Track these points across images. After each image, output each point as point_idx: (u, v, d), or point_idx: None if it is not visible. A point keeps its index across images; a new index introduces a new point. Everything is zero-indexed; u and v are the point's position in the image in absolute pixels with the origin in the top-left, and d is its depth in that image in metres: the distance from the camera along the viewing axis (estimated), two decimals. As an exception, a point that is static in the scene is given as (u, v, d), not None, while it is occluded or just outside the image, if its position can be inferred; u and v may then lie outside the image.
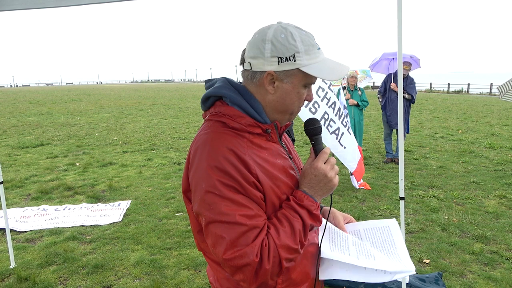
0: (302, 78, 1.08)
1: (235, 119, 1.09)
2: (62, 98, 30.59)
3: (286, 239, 1.02)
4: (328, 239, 1.24)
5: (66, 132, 12.03)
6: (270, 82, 1.08)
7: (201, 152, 1.04)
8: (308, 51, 1.06)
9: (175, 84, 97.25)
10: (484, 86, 31.27)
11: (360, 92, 7.25)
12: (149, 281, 3.25)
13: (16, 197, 5.64)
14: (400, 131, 2.64)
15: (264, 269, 0.98)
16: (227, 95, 1.10)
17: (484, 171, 6.48)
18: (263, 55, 1.06)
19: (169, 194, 5.57)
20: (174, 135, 11.03)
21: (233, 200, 0.99)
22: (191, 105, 21.68)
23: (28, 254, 3.79)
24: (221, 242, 0.98)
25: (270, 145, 1.13)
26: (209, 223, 1.01)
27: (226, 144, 1.03)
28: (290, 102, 1.11)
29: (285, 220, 1.04)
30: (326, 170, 1.10)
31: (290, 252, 1.02)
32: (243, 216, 0.99)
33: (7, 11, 3.19)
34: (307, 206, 1.07)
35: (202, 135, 1.09)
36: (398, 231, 1.28)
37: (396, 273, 1.11)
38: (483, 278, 3.20)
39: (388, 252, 1.19)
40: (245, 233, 0.98)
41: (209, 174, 1.00)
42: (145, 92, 40.07)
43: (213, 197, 0.99)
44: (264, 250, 0.98)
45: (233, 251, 0.97)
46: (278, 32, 1.05)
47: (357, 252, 1.17)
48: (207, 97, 1.15)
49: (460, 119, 13.41)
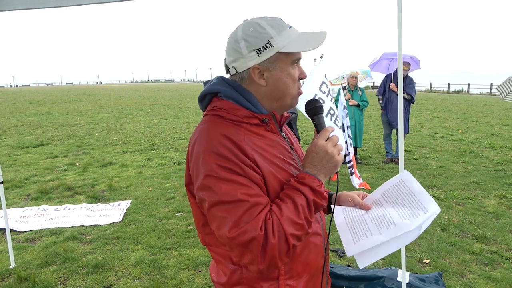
0: (286, 59, 1.10)
1: (231, 111, 1.11)
2: (62, 98, 30.59)
3: (289, 213, 1.01)
4: (349, 231, 1.24)
5: (66, 132, 12.03)
6: (259, 75, 1.11)
7: (199, 142, 1.06)
8: (280, 33, 1.08)
9: (175, 84, 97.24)
10: (484, 86, 31.27)
11: (360, 92, 7.25)
12: (149, 281, 3.25)
13: (16, 197, 5.64)
14: (400, 131, 2.64)
15: (271, 244, 0.97)
16: (221, 90, 1.13)
17: (484, 171, 6.48)
18: (241, 54, 1.08)
19: (169, 194, 5.57)
20: (174, 135, 11.03)
21: (233, 181, 1.00)
22: (191, 105, 21.68)
23: (28, 254, 3.79)
24: (224, 222, 0.99)
25: (269, 134, 1.15)
26: (211, 206, 1.01)
27: (221, 131, 1.05)
28: (284, 86, 1.12)
29: (286, 198, 1.04)
30: (327, 147, 1.10)
31: (295, 227, 1.01)
32: (245, 194, 0.99)
33: (7, 11, 3.19)
34: (308, 183, 1.06)
35: (199, 128, 1.12)
36: (411, 180, 1.27)
37: (422, 224, 1.13)
38: (483, 278, 3.20)
39: (410, 205, 1.19)
40: (248, 210, 0.98)
41: (206, 159, 1.02)
42: (145, 92, 40.08)
43: (212, 180, 1.00)
44: (268, 224, 0.98)
45: (237, 228, 0.97)
46: (246, 28, 1.09)
47: (377, 228, 1.17)
48: (204, 95, 1.18)
49: (460, 119, 13.41)
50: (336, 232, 4.06)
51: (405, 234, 1.13)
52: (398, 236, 1.13)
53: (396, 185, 1.29)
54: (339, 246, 3.85)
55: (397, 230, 1.13)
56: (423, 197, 1.19)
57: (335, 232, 4.06)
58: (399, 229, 1.13)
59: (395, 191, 1.28)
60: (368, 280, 3.05)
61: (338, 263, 3.47)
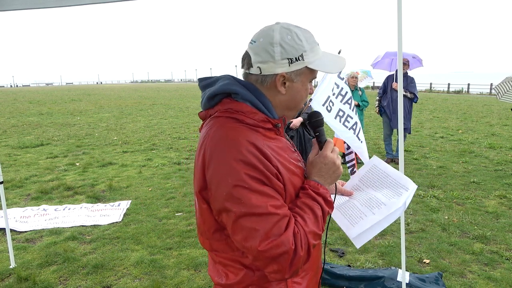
0: (309, 75, 1.15)
1: (249, 115, 1.09)
2: (62, 98, 30.59)
3: (312, 225, 1.06)
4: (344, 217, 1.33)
5: (66, 132, 12.03)
6: (282, 83, 1.12)
7: (222, 147, 1.03)
8: (313, 49, 1.11)
9: (175, 84, 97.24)
10: (484, 86, 31.26)
11: (360, 92, 7.25)
12: (149, 281, 3.25)
13: (16, 197, 5.64)
14: (400, 131, 2.64)
15: (299, 256, 1.00)
16: (239, 91, 1.10)
17: (484, 171, 6.48)
18: (274, 58, 1.07)
19: (169, 194, 5.57)
20: (174, 135, 11.02)
21: (262, 192, 1.00)
22: (191, 105, 21.68)
23: (28, 254, 3.79)
24: (254, 234, 0.98)
25: (279, 139, 1.17)
26: (239, 217, 0.99)
27: (245, 137, 1.03)
28: (300, 99, 1.17)
29: (307, 208, 1.08)
30: (335, 158, 1.16)
31: (316, 238, 1.06)
32: (274, 207, 1.00)
33: (7, 11, 3.19)
34: (323, 194, 1.12)
35: (217, 131, 1.07)
36: (382, 163, 1.41)
37: (406, 200, 1.26)
38: (483, 278, 3.20)
39: (389, 186, 1.33)
40: (277, 222, 0.99)
41: (235, 168, 0.99)
42: (145, 92, 40.07)
43: (242, 190, 0.98)
44: (297, 238, 1.01)
45: (268, 241, 0.97)
46: (284, 34, 1.08)
47: (369, 209, 1.27)
48: (215, 94, 1.13)
49: (460, 119, 13.42)
50: (336, 232, 4.07)
51: (394, 211, 1.24)
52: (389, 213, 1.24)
53: (371, 170, 1.41)
54: (339, 246, 3.85)
55: (388, 208, 1.24)
56: (399, 177, 1.33)
57: (334, 232, 4.07)
58: (389, 207, 1.24)
59: (371, 175, 1.40)
60: (368, 280, 3.05)
61: (338, 263, 3.47)
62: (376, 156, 1.45)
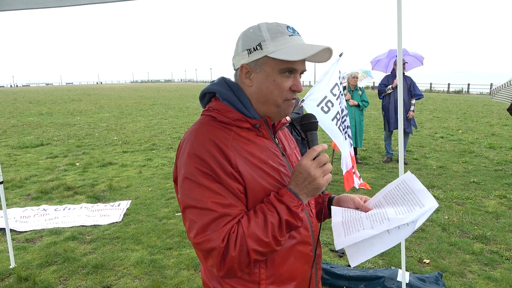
0: (274, 65, 1.09)
1: (223, 113, 1.12)
2: (62, 98, 30.60)
3: (256, 229, 1.01)
4: (342, 228, 1.23)
5: (66, 132, 12.03)
6: (246, 75, 1.13)
7: (187, 142, 1.08)
8: (275, 38, 1.08)
9: (175, 84, 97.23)
10: (484, 86, 31.27)
11: (360, 92, 7.25)
12: (149, 281, 3.25)
13: (16, 197, 5.64)
14: (400, 131, 2.64)
15: (231, 256, 0.99)
16: (218, 90, 1.15)
17: (484, 171, 6.48)
18: (237, 51, 1.14)
19: (169, 194, 5.58)
20: (174, 135, 11.03)
21: (208, 188, 1.02)
22: (191, 105, 21.68)
23: (28, 254, 3.79)
24: (193, 226, 1.02)
25: (260, 140, 1.14)
26: (185, 208, 1.05)
27: (209, 135, 1.07)
28: (267, 91, 1.11)
29: (260, 212, 1.04)
30: (311, 168, 1.06)
31: (260, 244, 1.01)
32: (216, 204, 1.01)
33: (7, 11, 3.19)
34: (286, 202, 1.04)
35: (192, 128, 1.13)
36: (414, 180, 1.25)
37: (417, 219, 1.10)
38: (483, 278, 3.20)
39: (408, 203, 1.18)
40: (215, 219, 1.00)
41: (188, 161, 1.04)
42: (145, 92, 40.08)
43: (190, 183, 1.03)
44: (232, 237, 1.00)
45: (202, 235, 1.00)
46: (248, 28, 1.14)
47: (371, 223, 1.17)
48: (204, 94, 1.21)
49: (460, 119, 13.42)
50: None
51: (399, 229, 1.12)
52: (391, 231, 1.12)
53: (398, 186, 1.28)
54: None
55: (389, 224, 1.12)
56: (423, 194, 1.18)
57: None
58: (391, 223, 1.12)
59: (397, 192, 1.27)
60: (368, 280, 3.05)
61: (338, 263, 3.47)
62: (410, 172, 1.29)
